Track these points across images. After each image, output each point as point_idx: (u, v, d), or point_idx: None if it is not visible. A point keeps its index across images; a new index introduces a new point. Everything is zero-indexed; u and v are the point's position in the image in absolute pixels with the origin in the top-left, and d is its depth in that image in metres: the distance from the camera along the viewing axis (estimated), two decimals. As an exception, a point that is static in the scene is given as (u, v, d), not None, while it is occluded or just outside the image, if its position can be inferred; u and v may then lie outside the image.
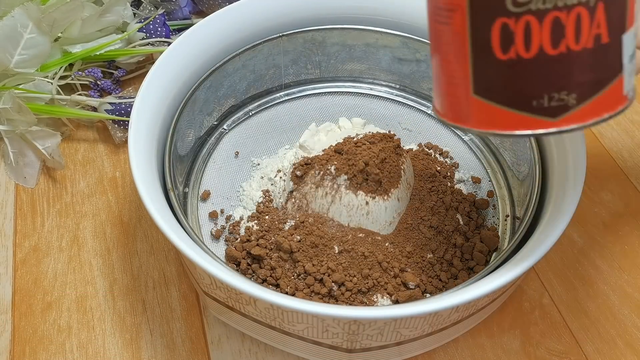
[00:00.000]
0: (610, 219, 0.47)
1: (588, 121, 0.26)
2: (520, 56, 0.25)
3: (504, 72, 0.25)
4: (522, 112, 0.26)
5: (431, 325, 0.34)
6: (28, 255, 0.45)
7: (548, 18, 0.24)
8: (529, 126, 0.26)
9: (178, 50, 0.43)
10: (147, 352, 0.40)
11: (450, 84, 0.27)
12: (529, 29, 0.24)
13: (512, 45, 0.24)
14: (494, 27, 0.24)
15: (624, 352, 0.40)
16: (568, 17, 0.24)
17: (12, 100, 0.48)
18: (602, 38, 0.25)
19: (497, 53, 0.25)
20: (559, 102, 0.25)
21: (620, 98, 0.27)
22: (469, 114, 0.27)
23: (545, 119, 0.26)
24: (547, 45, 0.24)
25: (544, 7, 0.24)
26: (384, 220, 0.37)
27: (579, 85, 0.25)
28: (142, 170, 0.36)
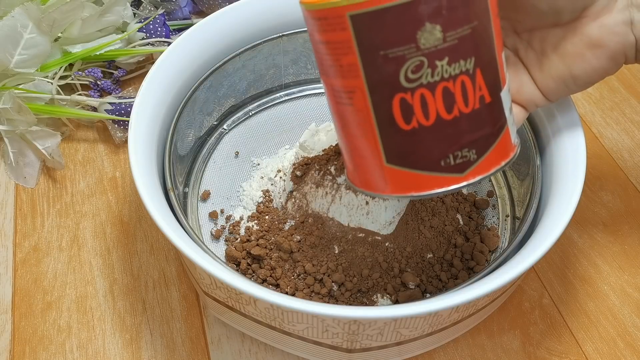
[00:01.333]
0: (610, 219, 0.47)
1: (490, 171, 0.29)
2: (422, 124, 0.27)
3: (410, 140, 0.28)
4: (434, 172, 0.28)
5: (431, 326, 0.34)
6: (28, 255, 0.45)
7: (439, 88, 0.26)
8: (442, 184, 0.28)
9: (178, 51, 0.43)
10: (147, 352, 0.40)
11: (362, 157, 0.30)
12: (424, 100, 0.26)
13: (413, 116, 0.27)
14: (394, 102, 0.27)
15: (623, 352, 0.40)
16: (455, 85, 0.26)
17: (12, 100, 0.48)
18: (486, 98, 0.27)
19: (400, 124, 0.27)
20: (463, 159, 0.28)
21: (510, 146, 0.30)
22: (385, 182, 0.29)
23: (455, 176, 0.28)
24: (443, 111, 0.27)
25: (433, 80, 0.26)
26: (384, 220, 0.37)
27: (476, 142, 0.28)
28: (142, 170, 0.36)
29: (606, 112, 0.56)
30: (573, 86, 0.33)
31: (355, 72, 0.27)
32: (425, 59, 0.25)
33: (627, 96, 0.57)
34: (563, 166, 0.38)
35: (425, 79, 0.26)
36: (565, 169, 0.37)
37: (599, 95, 0.57)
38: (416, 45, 0.25)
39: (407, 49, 0.25)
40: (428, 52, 0.25)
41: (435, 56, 0.25)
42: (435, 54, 0.25)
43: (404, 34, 0.25)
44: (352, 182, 0.32)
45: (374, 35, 0.25)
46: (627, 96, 0.57)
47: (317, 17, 0.27)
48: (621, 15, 0.30)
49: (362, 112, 0.28)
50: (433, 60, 0.26)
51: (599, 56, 0.31)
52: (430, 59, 0.25)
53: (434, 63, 0.26)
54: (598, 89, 0.58)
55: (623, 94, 0.57)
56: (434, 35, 0.25)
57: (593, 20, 0.31)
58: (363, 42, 0.26)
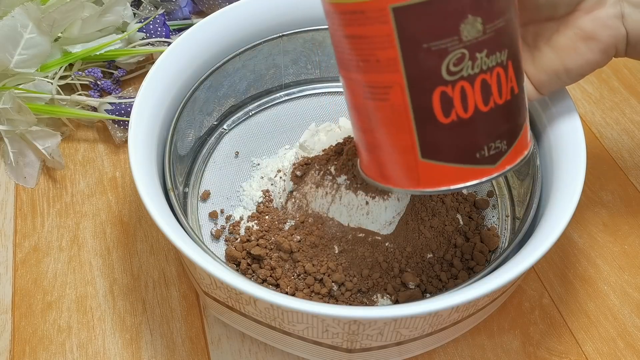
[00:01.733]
0: (610, 219, 0.47)
1: (517, 161, 0.30)
2: (460, 117, 0.27)
3: (448, 134, 0.28)
4: (469, 165, 0.29)
5: (431, 325, 0.34)
6: (28, 255, 0.45)
7: (478, 80, 0.27)
8: (476, 176, 0.29)
9: (178, 51, 0.43)
10: (147, 352, 0.40)
11: (391, 153, 0.30)
12: (464, 93, 0.27)
13: (452, 109, 0.27)
14: (434, 96, 0.27)
15: (623, 352, 0.40)
16: (491, 77, 0.27)
17: (12, 100, 0.48)
18: (515, 89, 0.28)
19: (439, 118, 0.27)
20: (496, 150, 0.29)
21: (528, 140, 0.31)
22: (419, 177, 0.30)
23: (488, 167, 0.29)
24: (480, 103, 0.27)
25: (473, 72, 0.26)
26: (384, 220, 0.37)
27: (507, 132, 0.29)
28: (142, 170, 0.36)
29: (606, 112, 0.56)
30: (565, 79, 0.34)
31: (394, 66, 0.27)
32: (467, 51, 0.26)
33: (627, 96, 0.57)
34: (563, 166, 0.38)
35: (466, 71, 0.26)
36: (565, 169, 0.37)
37: (599, 95, 0.57)
38: (459, 38, 0.25)
39: (450, 41, 0.26)
40: (470, 44, 0.26)
41: (476, 48, 0.26)
42: (476, 46, 0.26)
43: (447, 27, 0.25)
44: (373, 179, 0.32)
45: (417, 28, 0.25)
46: (627, 96, 0.57)
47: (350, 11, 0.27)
48: (613, 9, 0.32)
49: (398, 107, 0.28)
50: (474, 53, 0.26)
51: (592, 48, 0.33)
52: (471, 51, 0.26)
53: (475, 55, 0.26)
54: (598, 89, 0.58)
55: (623, 94, 0.57)
56: (475, 27, 0.26)
57: (586, 14, 0.32)
58: (405, 35, 0.26)
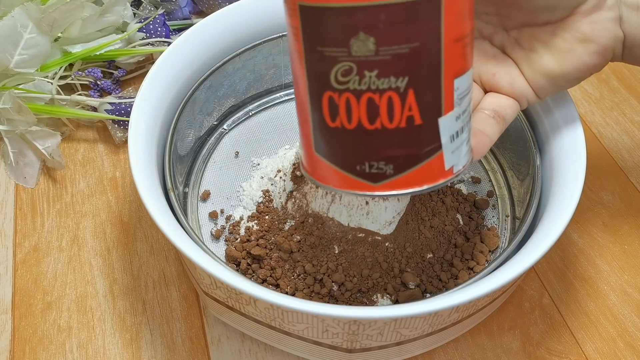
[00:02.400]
0: (610, 219, 0.47)
1: (407, 189, 0.29)
2: (344, 126, 0.27)
3: (333, 137, 0.28)
4: (349, 174, 0.29)
5: (431, 326, 0.34)
6: (28, 255, 0.45)
7: (364, 98, 0.26)
8: (355, 187, 0.29)
9: (178, 51, 0.43)
10: (147, 352, 0.40)
11: (304, 138, 0.31)
12: (349, 104, 0.27)
13: (338, 115, 0.27)
14: (323, 98, 0.27)
15: (623, 352, 0.40)
16: (380, 99, 0.26)
17: (12, 100, 0.48)
18: (415, 120, 0.27)
19: (327, 120, 0.28)
20: (378, 170, 0.28)
21: (441, 172, 0.29)
22: (314, 168, 0.31)
23: (368, 183, 0.29)
24: (365, 120, 0.27)
25: (359, 88, 0.26)
26: (384, 220, 0.37)
27: (395, 158, 0.28)
28: (142, 170, 0.36)
29: (606, 112, 0.56)
30: (562, 82, 0.34)
31: (300, 59, 0.27)
32: (354, 65, 0.26)
33: (627, 96, 0.57)
34: (563, 166, 0.38)
35: (352, 84, 0.26)
36: (565, 169, 0.37)
37: (599, 95, 0.57)
38: (348, 51, 0.25)
39: (340, 51, 0.26)
40: (358, 60, 0.25)
41: (365, 66, 0.26)
42: (365, 63, 0.25)
43: (338, 37, 0.25)
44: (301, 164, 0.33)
45: (315, 30, 0.26)
46: (627, 96, 0.57)
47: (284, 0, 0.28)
48: (611, 12, 0.32)
49: (302, 97, 0.29)
50: (362, 69, 0.26)
51: (590, 51, 0.32)
52: (359, 67, 0.26)
53: (363, 72, 0.26)
54: (598, 89, 0.58)
55: (623, 94, 0.57)
56: (366, 45, 0.25)
57: (584, 17, 0.32)
58: (306, 33, 0.26)
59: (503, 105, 0.34)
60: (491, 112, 0.33)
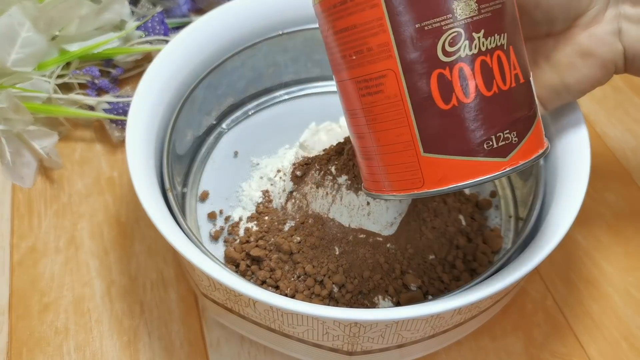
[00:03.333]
0: (614, 220, 0.47)
1: (532, 157, 0.28)
2: (462, 102, 0.26)
3: (451, 122, 0.26)
4: (477, 157, 0.27)
5: (433, 328, 0.33)
6: (25, 256, 0.44)
7: (477, 62, 0.26)
8: (486, 171, 0.27)
9: (176, 49, 0.43)
10: (145, 355, 0.39)
11: (393, 154, 0.28)
12: (463, 75, 0.26)
13: (452, 93, 0.26)
14: (431, 79, 0.26)
15: (627, 355, 0.39)
16: (492, 60, 0.26)
17: (9, 100, 0.48)
18: (520, 78, 0.27)
19: (439, 104, 0.26)
20: (505, 141, 0.27)
21: (543, 135, 0.29)
22: (422, 177, 0.27)
23: (498, 160, 0.27)
24: (482, 87, 0.26)
25: (471, 53, 0.25)
26: (386, 220, 0.37)
27: (516, 123, 0.27)
28: (140, 170, 0.36)
29: (610, 111, 0.55)
30: (566, 95, 0.34)
31: (387, 52, 0.26)
32: (462, 30, 0.25)
33: (630, 95, 0.56)
34: (567, 166, 0.37)
35: (463, 51, 0.25)
36: (569, 169, 0.37)
37: (602, 95, 0.57)
38: (453, 16, 0.25)
39: (444, 19, 0.25)
40: (465, 23, 0.25)
41: (472, 28, 0.25)
42: (471, 25, 0.25)
43: (440, 4, 0.25)
44: (375, 191, 0.30)
45: (409, 8, 0.25)
46: (631, 95, 0.56)
47: (339, 2, 0.26)
48: (610, 25, 0.32)
49: (394, 97, 0.26)
50: (470, 32, 0.25)
51: (590, 65, 0.32)
52: (467, 30, 0.25)
53: (471, 35, 0.25)
54: (601, 88, 0.57)
55: (627, 93, 0.57)
56: (469, 5, 0.25)
57: (583, 30, 0.32)
58: (396, 16, 0.25)
59: None
60: None
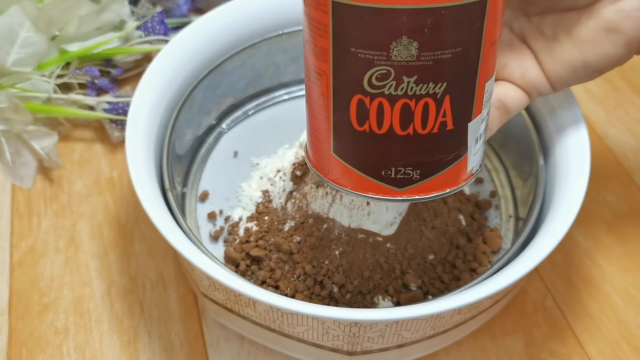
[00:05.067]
0: (614, 220, 0.47)
1: (430, 194, 0.28)
2: (373, 131, 0.26)
3: (358, 142, 0.27)
4: (372, 178, 0.28)
5: (433, 328, 0.33)
6: (25, 256, 0.44)
7: (398, 104, 0.25)
8: (377, 191, 0.28)
9: (176, 49, 0.43)
10: (145, 355, 0.39)
11: (317, 137, 0.29)
12: (381, 109, 0.26)
13: (367, 120, 0.26)
14: (352, 101, 0.26)
15: (627, 355, 0.39)
16: (416, 105, 0.25)
17: (9, 100, 0.48)
18: (448, 125, 0.26)
19: (354, 123, 0.27)
20: (405, 176, 0.28)
21: (463, 175, 0.29)
22: (329, 169, 0.30)
23: (393, 188, 0.28)
24: (397, 126, 0.26)
25: (395, 94, 0.25)
26: (385, 220, 0.37)
27: (423, 164, 0.27)
28: (140, 170, 0.36)
29: (610, 111, 0.55)
30: (583, 74, 0.32)
31: (326, 57, 0.26)
32: (393, 70, 0.25)
33: (631, 95, 0.56)
34: (567, 166, 0.37)
35: (387, 89, 0.25)
36: (569, 169, 0.37)
37: (602, 95, 0.57)
38: (387, 55, 0.24)
39: (377, 55, 0.24)
40: (398, 65, 0.24)
41: (404, 71, 0.25)
42: (405, 68, 0.24)
43: (378, 40, 0.24)
44: (307, 159, 0.32)
45: (350, 30, 0.24)
46: (631, 95, 0.56)
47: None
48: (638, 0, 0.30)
49: (324, 96, 0.27)
50: (401, 75, 0.25)
51: (614, 42, 0.31)
52: (398, 72, 0.25)
53: (401, 77, 0.25)
54: (602, 88, 0.57)
55: (627, 93, 0.57)
56: (409, 50, 0.24)
57: (610, 4, 0.30)
58: (338, 32, 0.25)
59: (510, 97, 0.33)
60: (496, 102, 0.32)
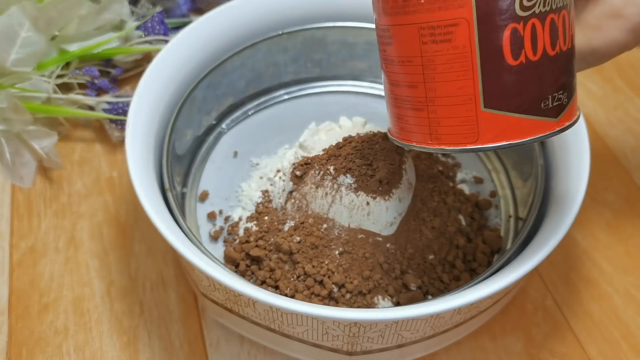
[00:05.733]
0: (614, 220, 0.47)
1: (574, 118, 0.28)
2: (529, 59, 0.26)
3: (515, 79, 0.26)
4: (533, 116, 0.27)
5: (433, 328, 0.33)
6: (25, 256, 0.44)
7: (547, 20, 0.25)
8: (538, 130, 0.27)
9: (176, 49, 0.43)
10: (144, 355, 0.39)
11: (450, 106, 0.27)
12: (535, 32, 0.25)
13: (522, 49, 0.25)
14: (505, 34, 0.25)
15: (627, 355, 0.39)
16: (558, 18, 0.26)
17: (9, 100, 0.48)
18: (573, 40, 0.27)
19: (508, 60, 0.26)
20: (559, 102, 0.27)
21: (577, 103, 0.29)
22: (478, 132, 0.27)
23: (550, 120, 0.27)
24: (548, 46, 0.26)
25: (544, 10, 0.25)
26: (385, 220, 0.37)
27: (567, 84, 0.27)
28: (140, 170, 0.35)
29: (610, 111, 0.55)
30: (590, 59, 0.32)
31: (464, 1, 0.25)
32: None
33: (630, 95, 0.56)
34: (567, 166, 0.37)
35: (538, 7, 0.25)
36: (569, 169, 0.37)
37: (602, 94, 0.57)
38: None
39: None
40: None
41: None
42: None
43: None
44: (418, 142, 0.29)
45: None
46: (631, 95, 0.56)
47: None
48: None
49: (462, 48, 0.26)
50: None
51: (620, 27, 0.31)
52: None
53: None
54: (602, 87, 0.57)
55: (627, 93, 0.57)
56: None
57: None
58: None
59: None
60: None
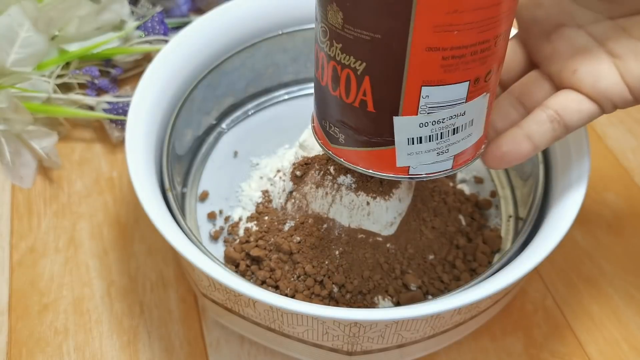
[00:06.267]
0: (614, 220, 0.47)
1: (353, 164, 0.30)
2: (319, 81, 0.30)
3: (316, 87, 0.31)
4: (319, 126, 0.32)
5: (433, 328, 0.33)
6: (24, 256, 0.44)
7: (330, 64, 0.28)
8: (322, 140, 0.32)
9: (176, 49, 0.43)
10: (144, 355, 0.39)
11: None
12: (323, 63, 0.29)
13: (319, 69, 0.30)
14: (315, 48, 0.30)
15: (628, 355, 0.39)
16: (341, 72, 0.28)
17: (9, 100, 0.48)
18: (368, 106, 0.28)
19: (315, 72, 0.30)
20: (333, 133, 0.30)
21: (391, 167, 0.30)
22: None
23: (327, 140, 0.31)
24: (330, 84, 0.29)
25: (329, 54, 0.28)
26: (385, 220, 0.37)
27: (345, 129, 0.30)
28: (140, 170, 0.35)
29: (609, 111, 0.55)
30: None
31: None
32: (328, 31, 0.27)
33: (630, 95, 0.56)
34: (567, 166, 0.37)
35: (325, 47, 0.28)
36: (569, 169, 0.37)
37: (601, 94, 0.56)
38: (326, 15, 0.27)
39: (322, 13, 0.27)
40: (331, 28, 0.27)
41: (334, 35, 0.27)
42: (334, 33, 0.27)
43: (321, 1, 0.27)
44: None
45: None
46: (631, 95, 0.56)
47: None
48: None
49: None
50: (332, 38, 0.27)
51: None
52: (330, 34, 0.27)
53: (332, 41, 0.27)
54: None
55: (626, 93, 0.57)
56: (336, 17, 0.26)
57: None
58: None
59: (570, 109, 0.29)
60: (552, 115, 0.29)
